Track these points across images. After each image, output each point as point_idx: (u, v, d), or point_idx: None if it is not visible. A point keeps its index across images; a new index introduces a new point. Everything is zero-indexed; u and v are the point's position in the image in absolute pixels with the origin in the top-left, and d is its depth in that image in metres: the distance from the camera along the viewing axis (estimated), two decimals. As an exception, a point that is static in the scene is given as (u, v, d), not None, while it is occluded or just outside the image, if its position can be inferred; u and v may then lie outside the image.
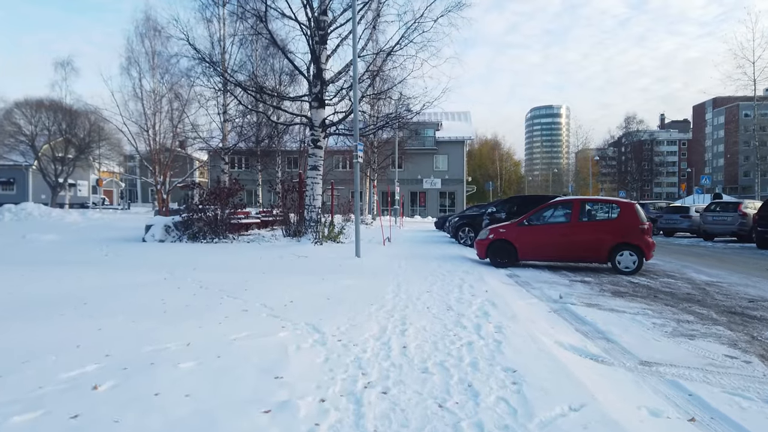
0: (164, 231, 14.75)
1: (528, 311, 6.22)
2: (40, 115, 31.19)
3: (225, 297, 6.44)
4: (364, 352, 4.16)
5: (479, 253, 11.42)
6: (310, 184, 12.37)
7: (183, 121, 18.46)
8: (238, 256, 11.08)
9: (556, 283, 8.95)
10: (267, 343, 4.33)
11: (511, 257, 10.96)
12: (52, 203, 31.56)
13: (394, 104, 17.45)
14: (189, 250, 12.32)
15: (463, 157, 46.00)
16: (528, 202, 15.78)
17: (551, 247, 10.67)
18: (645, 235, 10.22)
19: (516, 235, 10.94)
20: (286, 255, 11.01)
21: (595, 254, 10.40)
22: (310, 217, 12.36)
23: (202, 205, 14.79)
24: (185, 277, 8.11)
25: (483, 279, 8.50)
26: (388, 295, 6.75)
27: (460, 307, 6.09)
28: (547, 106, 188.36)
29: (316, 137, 12.27)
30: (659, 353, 4.66)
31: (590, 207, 10.99)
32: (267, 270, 9.10)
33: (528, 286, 8.49)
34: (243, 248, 12.70)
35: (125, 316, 5.31)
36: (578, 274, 10.03)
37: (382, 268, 9.58)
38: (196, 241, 14.47)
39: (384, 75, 13.36)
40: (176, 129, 17.42)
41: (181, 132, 19.22)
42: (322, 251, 11.85)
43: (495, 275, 9.46)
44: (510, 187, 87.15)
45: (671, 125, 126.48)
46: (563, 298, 7.28)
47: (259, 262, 10.20)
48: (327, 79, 12.29)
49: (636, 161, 72.81)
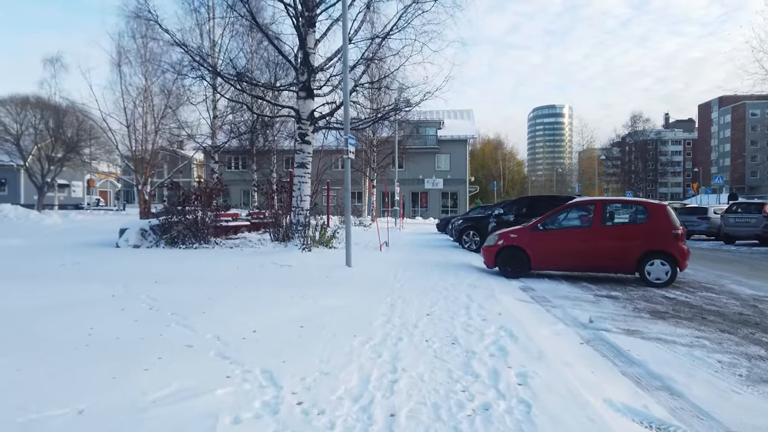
0: (140, 235, 13.44)
1: (556, 345, 4.88)
2: (26, 113, 29.93)
3: (173, 324, 5.12)
4: (331, 428, 2.83)
5: (487, 262, 10.09)
6: (297, 183, 11.04)
7: (166, 116, 17.16)
8: (214, 265, 9.77)
9: (579, 299, 7.61)
10: (193, 410, 3.01)
11: (524, 266, 9.62)
12: (39, 205, 30.34)
13: (392, 95, 16.06)
14: (162, 257, 11.02)
15: (465, 156, 44.61)
16: (539, 202, 14.44)
17: (570, 256, 9.33)
18: (678, 241, 8.88)
19: (529, 242, 9.60)
20: (268, 263, 9.69)
21: (621, 264, 9.06)
22: (298, 220, 11.03)
23: (182, 206, 13.48)
24: (140, 293, 6.79)
25: (494, 295, 7.16)
26: (378, 320, 5.43)
27: (470, 339, 4.76)
28: (550, 106, 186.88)
29: (304, 131, 10.93)
30: (751, 416, 3.33)
31: (614, 209, 9.64)
32: (241, 283, 7.78)
33: (547, 304, 7.15)
34: (223, 255, 11.39)
35: (23, 354, 4.01)
36: (602, 287, 8.69)
37: (376, 281, 8.25)
38: (175, 246, 13.16)
39: (380, 62, 12.03)
40: (158, 124, 16.10)
41: (164, 128, 17.92)
42: (310, 259, 10.52)
43: (507, 289, 8.12)
44: (513, 187, 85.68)
45: (675, 125, 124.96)
46: (594, 322, 5.93)
47: (234, 272, 8.89)
48: (315, 67, 10.95)
49: (642, 161, 71.31)
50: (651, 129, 74.33)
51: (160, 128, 16.69)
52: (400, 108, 12.74)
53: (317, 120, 11.26)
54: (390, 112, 13.11)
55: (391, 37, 11.21)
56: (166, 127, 18.74)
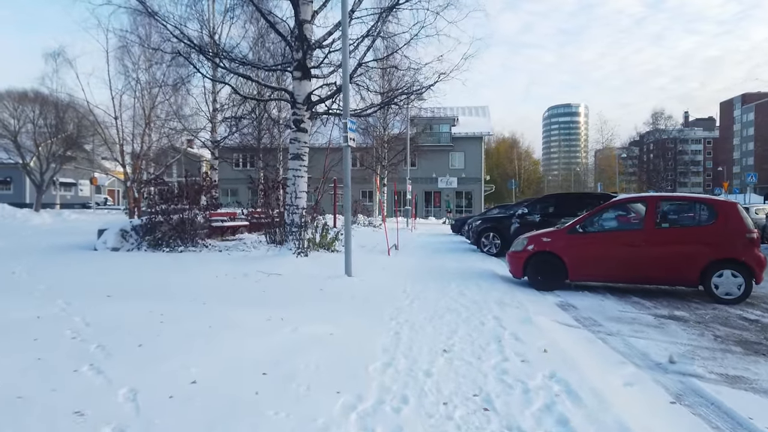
0: (119, 237, 12.04)
1: (637, 407, 3.27)
2: (24, 108, 28.85)
3: (85, 367, 3.62)
4: None
5: (513, 270, 8.48)
6: (291, 177, 9.51)
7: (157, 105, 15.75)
8: (192, 274, 8.31)
9: (636, 321, 5.98)
10: None
11: (558, 276, 7.99)
12: (37, 204, 29.28)
13: (402, 78, 14.36)
14: (137, 262, 9.59)
15: (480, 154, 42.82)
16: (568, 201, 12.80)
17: (615, 264, 7.67)
18: (754, 247, 7.18)
19: (565, 247, 7.97)
20: (253, 272, 8.17)
21: (681, 274, 7.38)
22: (292, 220, 9.51)
23: (166, 205, 12.06)
24: (77, 313, 5.31)
25: (529, 317, 5.56)
26: (375, 363, 3.87)
27: (510, 402, 3.18)
28: (565, 105, 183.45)
29: (299, 117, 9.39)
30: None
31: (671, 208, 7.98)
32: (212, 298, 6.29)
33: (599, 330, 5.52)
34: (207, 261, 9.92)
35: None
36: (659, 304, 7.03)
37: (379, 295, 6.70)
38: (158, 249, 11.74)
39: (388, 39, 10.43)
40: (149, 116, 14.68)
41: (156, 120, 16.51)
42: (304, 265, 9.00)
43: (543, 307, 6.51)
44: (529, 187, 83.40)
45: (695, 123, 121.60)
46: (676, 363, 4.30)
47: (211, 283, 7.41)
48: (312, 42, 9.39)
49: (663, 159, 68.79)
50: (673, 127, 71.71)
51: (151, 120, 15.31)
52: (412, 91, 11.17)
53: (315, 104, 9.72)
54: (400, 95, 11.50)
55: (401, 7, 9.65)
56: (158, 120, 17.37)
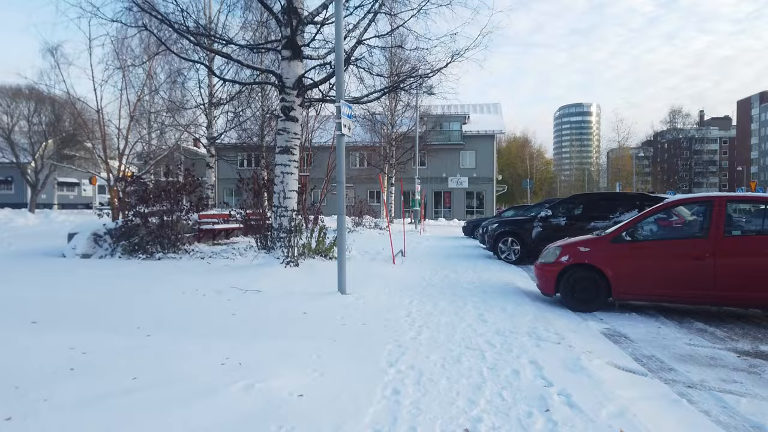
0: (92, 242, 10.72)
1: None
2: (17, 104, 27.77)
3: None
4: None
5: (543, 285, 7.00)
6: (279, 175, 8.07)
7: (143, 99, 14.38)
8: (157, 288, 6.93)
9: (716, 362, 4.48)
10: None
11: (599, 294, 6.50)
12: (31, 204, 28.21)
13: (408, 58, 12.86)
14: (99, 274, 8.24)
15: (493, 153, 41.15)
16: (599, 202, 11.24)
17: (673, 280, 6.16)
18: None
19: (609, 258, 6.48)
20: (227, 288, 6.77)
21: (759, 294, 5.86)
22: (280, 224, 8.10)
23: (144, 206, 10.73)
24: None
25: (579, 362, 4.08)
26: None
27: None
28: (577, 104, 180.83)
29: (288, 103, 7.95)
30: None
31: (742, 210, 6.46)
32: (162, 327, 4.91)
33: (675, 380, 4.03)
34: (183, 270, 8.54)
35: None
36: (732, 333, 5.52)
37: (376, 323, 5.26)
38: (134, 255, 10.41)
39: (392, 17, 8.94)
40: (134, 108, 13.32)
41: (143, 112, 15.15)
42: (292, 279, 7.57)
43: (589, 339, 5.03)
44: (541, 187, 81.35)
45: (710, 122, 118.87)
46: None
47: (172, 302, 6.03)
48: (303, 16, 7.97)
49: (681, 159, 66.65)
50: (691, 126, 69.52)
51: (135, 114, 14.01)
52: (420, 75, 9.70)
53: (307, 89, 8.29)
54: (407, 78, 10.00)
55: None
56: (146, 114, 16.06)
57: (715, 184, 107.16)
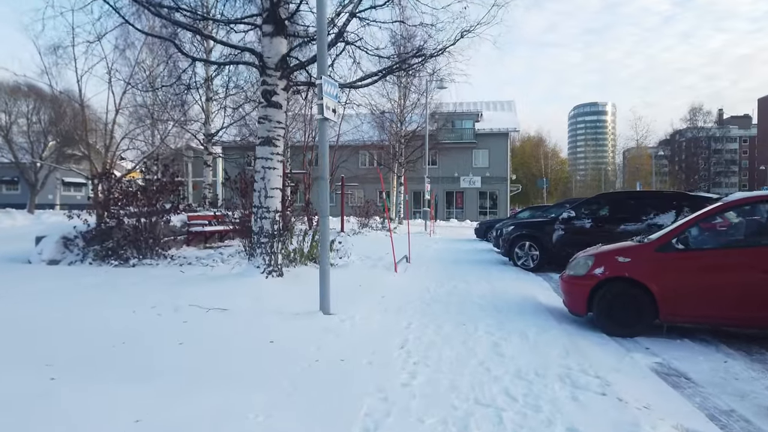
0: (60, 246, 9.69)
1: None
2: (16, 102, 27.06)
3: None
4: None
5: (572, 303, 5.75)
6: (260, 170, 6.89)
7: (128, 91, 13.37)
8: (108, 304, 5.81)
9: (829, 424, 3.21)
10: None
11: (643, 315, 5.23)
12: (30, 204, 27.50)
13: (411, 36, 11.51)
14: (55, 285, 7.15)
15: (506, 151, 39.67)
16: (628, 202, 9.91)
17: (739, 299, 4.87)
18: None
19: (655, 271, 5.20)
20: (185, 306, 5.60)
21: None
22: (260, 227, 6.95)
23: (119, 207, 9.67)
24: None
25: (637, 427, 2.85)
26: None
27: None
28: (592, 104, 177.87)
29: (270, 87, 6.77)
30: None
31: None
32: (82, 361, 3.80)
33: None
34: (150, 280, 7.43)
35: None
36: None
37: (359, 360, 4.06)
38: (106, 261, 9.35)
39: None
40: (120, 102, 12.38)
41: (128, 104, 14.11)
42: (270, 293, 6.38)
43: (639, 383, 3.78)
44: (556, 187, 79.40)
45: (729, 121, 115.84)
46: None
47: (119, 323, 4.90)
48: (287, -14, 6.87)
49: (702, 158, 64.42)
50: (712, 124, 67.21)
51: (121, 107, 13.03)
52: (425, 55, 8.47)
53: (293, 70, 7.11)
54: (411, 58, 8.76)
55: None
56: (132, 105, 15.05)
57: (735, 184, 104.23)
